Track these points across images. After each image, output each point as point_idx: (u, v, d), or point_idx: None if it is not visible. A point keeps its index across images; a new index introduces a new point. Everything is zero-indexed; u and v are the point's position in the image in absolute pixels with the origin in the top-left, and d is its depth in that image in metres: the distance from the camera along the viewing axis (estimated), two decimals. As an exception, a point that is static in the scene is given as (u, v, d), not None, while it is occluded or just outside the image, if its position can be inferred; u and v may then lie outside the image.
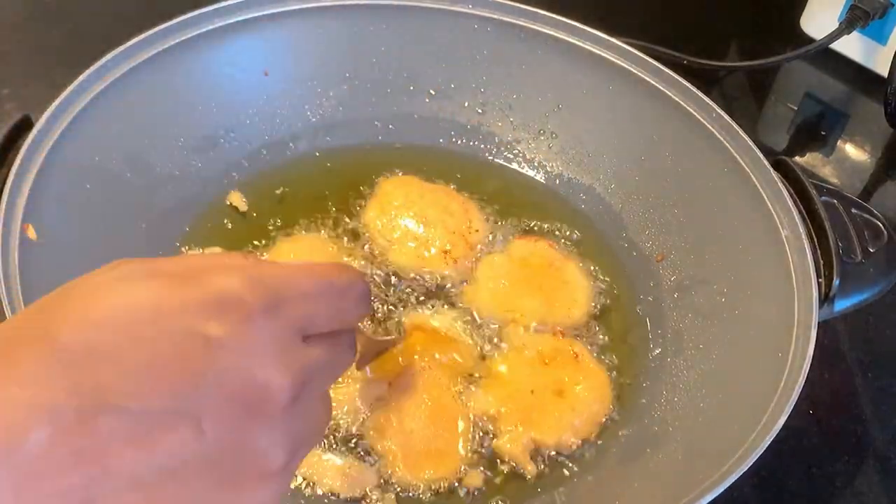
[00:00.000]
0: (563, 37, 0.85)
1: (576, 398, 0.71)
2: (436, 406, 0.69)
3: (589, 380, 0.72)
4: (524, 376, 0.72)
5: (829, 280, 0.69)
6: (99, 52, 0.75)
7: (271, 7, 0.83)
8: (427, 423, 0.68)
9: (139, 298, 0.37)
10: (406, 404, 0.69)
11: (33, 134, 0.68)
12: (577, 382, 0.72)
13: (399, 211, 0.82)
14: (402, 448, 0.67)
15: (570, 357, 0.73)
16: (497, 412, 0.70)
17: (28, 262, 0.63)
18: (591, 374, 0.73)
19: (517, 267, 0.79)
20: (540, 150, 0.89)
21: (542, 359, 0.73)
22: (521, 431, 0.69)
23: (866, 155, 1.04)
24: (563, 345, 0.74)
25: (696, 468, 0.61)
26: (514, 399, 0.70)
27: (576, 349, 0.74)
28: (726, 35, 1.16)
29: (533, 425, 0.69)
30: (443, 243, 0.80)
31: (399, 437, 0.67)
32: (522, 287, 0.78)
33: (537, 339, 0.74)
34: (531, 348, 0.73)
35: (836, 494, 0.73)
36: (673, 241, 0.81)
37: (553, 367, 0.72)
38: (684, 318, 0.76)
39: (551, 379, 0.72)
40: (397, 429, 0.68)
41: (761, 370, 0.66)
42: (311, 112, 0.87)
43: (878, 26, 1.03)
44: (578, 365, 0.73)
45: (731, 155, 0.77)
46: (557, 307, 0.77)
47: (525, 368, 0.72)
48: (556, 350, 0.74)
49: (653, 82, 0.82)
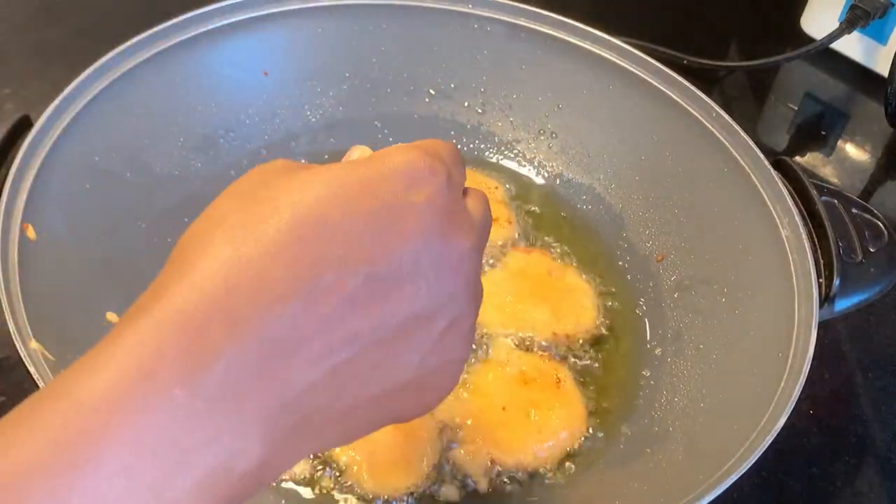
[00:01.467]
0: (563, 37, 0.85)
1: (546, 423, 0.69)
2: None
3: (564, 408, 0.70)
4: (499, 392, 0.70)
5: (829, 280, 0.69)
6: (99, 52, 0.75)
7: (271, 7, 0.83)
8: (393, 433, 0.66)
9: (342, 177, 0.39)
10: None
11: (33, 134, 0.68)
12: (551, 408, 0.70)
13: None
14: (367, 457, 0.65)
15: (551, 381, 0.71)
16: (462, 422, 0.68)
17: (28, 262, 0.63)
18: (569, 402, 0.71)
19: (517, 280, 0.78)
20: (540, 150, 0.89)
21: (522, 378, 0.71)
22: (481, 445, 0.67)
23: (867, 155, 1.04)
24: (548, 368, 0.72)
25: (696, 468, 0.61)
26: (484, 412, 0.69)
27: (560, 375, 0.72)
28: (726, 35, 1.16)
29: (494, 442, 0.67)
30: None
31: (364, 445, 0.65)
32: (528, 300, 0.76)
33: (524, 357, 0.73)
34: (514, 366, 0.72)
35: (836, 494, 0.73)
36: (673, 241, 0.81)
37: (532, 388, 0.71)
38: (684, 318, 0.76)
39: (526, 399, 0.70)
40: (363, 440, 0.66)
41: (761, 370, 0.66)
42: (311, 112, 0.87)
43: (879, 26, 1.02)
44: (558, 391, 0.71)
45: (731, 155, 0.77)
46: (566, 316, 0.76)
47: (502, 384, 0.71)
48: (539, 372, 0.72)
49: (653, 82, 0.82)
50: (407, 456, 0.66)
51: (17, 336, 0.58)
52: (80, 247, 0.69)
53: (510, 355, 0.73)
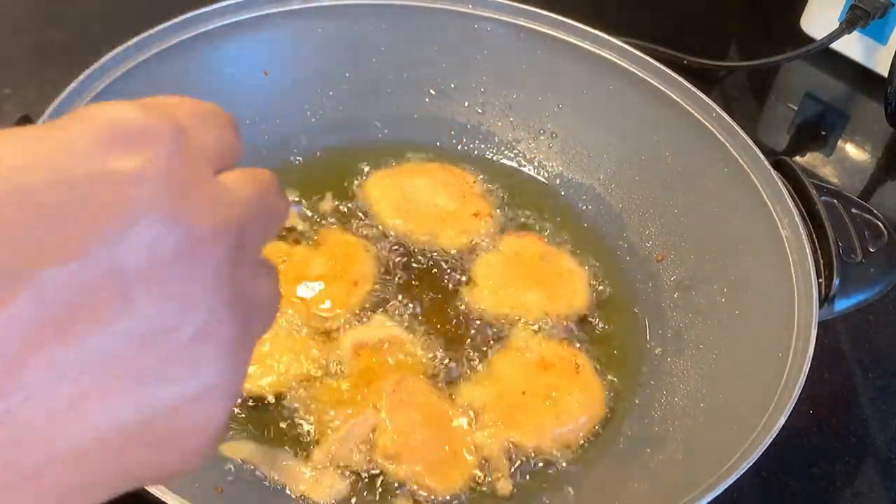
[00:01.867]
0: (563, 37, 0.85)
1: (565, 408, 0.70)
2: (429, 411, 0.68)
3: (584, 393, 0.71)
4: (519, 377, 0.71)
5: (829, 280, 0.69)
6: (99, 52, 0.75)
7: (271, 7, 0.83)
8: (430, 430, 0.67)
9: (27, 141, 0.29)
10: (401, 421, 0.67)
11: (33, 134, 0.68)
12: (570, 393, 0.70)
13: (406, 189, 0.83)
14: (422, 464, 0.65)
15: (571, 367, 0.72)
16: (482, 406, 0.69)
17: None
18: (588, 387, 0.72)
19: (513, 263, 0.79)
20: (540, 150, 0.89)
21: (542, 363, 0.72)
22: (502, 428, 0.68)
23: (866, 155, 1.04)
24: (567, 353, 0.73)
25: (696, 468, 0.61)
26: (504, 397, 0.70)
27: (579, 360, 0.73)
28: (726, 35, 1.16)
29: (514, 426, 0.68)
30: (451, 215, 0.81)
31: (413, 454, 0.66)
32: (522, 283, 0.78)
33: (543, 343, 0.74)
34: (534, 351, 0.73)
35: (836, 494, 0.73)
36: (673, 241, 0.81)
37: (551, 373, 0.72)
38: (684, 318, 0.76)
39: (546, 384, 0.71)
40: (408, 447, 0.66)
41: (761, 370, 0.66)
42: (311, 112, 0.87)
43: (879, 26, 1.02)
44: (577, 376, 0.72)
45: (731, 155, 0.77)
46: (559, 299, 0.77)
47: (522, 369, 0.72)
48: (559, 357, 0.73)
49: (653, 82, 0.82)
50: (454, 449, 0.67)
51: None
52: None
53: (529, 341, 0.74)
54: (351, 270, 0.76)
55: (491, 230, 0.82)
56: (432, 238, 0.80)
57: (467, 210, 0.82)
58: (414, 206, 0.82)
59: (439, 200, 0.83)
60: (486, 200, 0.84)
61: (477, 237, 0.81)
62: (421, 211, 0.82)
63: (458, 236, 0.81)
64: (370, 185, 0.84)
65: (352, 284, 0.75)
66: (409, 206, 0.82)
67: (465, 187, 0.84)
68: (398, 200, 0.82)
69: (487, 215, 0.82)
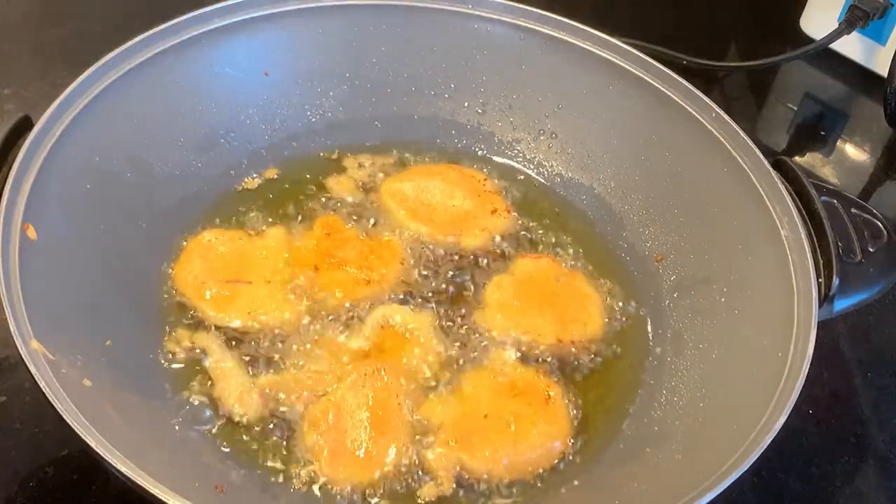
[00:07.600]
0: (563, 37, 0.85)
1: (524, 437, 0.68)
2: (378, 412, 0.67)
3: (549, 425, 0.69)
4: (485, 399, 0.69)
5: (828, 280, 0.69)
6: (99, 52, 0.75)
7: (271, 7, 0.83)
8: (364, 425, 0.66)
9: None
10: (348, 404, 0.67)
11: (33, 134, 0.68)
12: (534, 423, 0.68)
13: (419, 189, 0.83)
14: (329, 447, 0.65)
15: (541, 397, 0.70)
16: (440, 423, 0.68)
17: (28, 262, 0.63)
18: (555, 420, 0.70)
19: (525, 286, 0.78)
20: (540, 150, 0.89)
21: (512, 389, 0.70)
22: (454, 448, 0.66)
23: (866, 155, 1.04)
24: (540, 383, 0.71)
25: (696, 468, 0.61)
26: (465, 417, 0.68)
27: (551, 392, 0.71)
28: (726, 35, 1.16)
29: (467, 447, 0.66)
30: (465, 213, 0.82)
31: (331, 434, 0.66)
32: (535, 306, 0.76)
33: (519, 370, 0.72)
34: (507, 376, 0.71)
35: (836, 494, 0.74)
36: (673, 241, 0.81)
37: (520, 400, 0.70)
38: (684, 318, 0.76)
39: (511, 410, 0.69)
40: (331, 426, 0.66)
41: (761, 370, 0.66)
42: (311, 112, 0.87)
43: (878, 26, 1.03)
44: (546, 407, 0.70)
45: (731, 155, 0.77)
46: (573, 323, 0.75)
47: (490, 392, 0.70)
48: (530, 386, 0.71)
49: (653, 82, 0.82)
50: (372, 450, 0.66)
51: (18, 336, 0.58)
52: (81, 247, 0.69)
53: (506, 365, 0.72)
54: (379, 263, 0.78)
55: (510, 229, 0.82)
56: (456, 240, 0.80)
57: (485, 208, 0.82)
58: (432, 209, 0.82)
59: (455, 201, 0.83)
60: (500, 196, 0.84)
61: (497, 234, 0.81)
62: (440, 213, 0.81)
63: (481, 234, 0.81)
64: (384, 195, 0.83)
65: (376, 276, 0.77)
66: (428, 210, 0.81)
67: (477, 186, 0.84)
68: (415, 205, 0.82)
69: (505, 210, 0.83)
